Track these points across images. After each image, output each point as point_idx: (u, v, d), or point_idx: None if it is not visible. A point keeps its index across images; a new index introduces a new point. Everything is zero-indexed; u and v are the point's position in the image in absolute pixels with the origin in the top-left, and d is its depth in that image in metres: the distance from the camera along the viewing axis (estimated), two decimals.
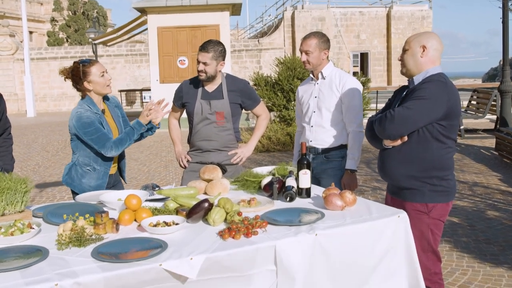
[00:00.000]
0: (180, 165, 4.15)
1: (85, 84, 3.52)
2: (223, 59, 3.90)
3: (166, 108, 3.72)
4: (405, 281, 2.65)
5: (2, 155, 4.00)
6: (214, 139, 3.97)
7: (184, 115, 4.18)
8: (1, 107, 3.85)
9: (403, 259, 2.65)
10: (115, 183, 3.80)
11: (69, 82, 3.62)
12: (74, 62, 3.60)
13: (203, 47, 3.82)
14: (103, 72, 3.56)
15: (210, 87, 3.97)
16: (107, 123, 3.59)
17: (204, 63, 3.81)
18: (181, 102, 4.07)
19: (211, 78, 3.89)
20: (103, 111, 3.63)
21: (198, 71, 3.86)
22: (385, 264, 2.61)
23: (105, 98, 3.76)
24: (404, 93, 3.09)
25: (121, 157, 3.85)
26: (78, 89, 3.60)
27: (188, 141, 4.14)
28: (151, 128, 3.71)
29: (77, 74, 3.52)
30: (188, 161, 4.09)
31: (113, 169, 3.73)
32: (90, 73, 3.50)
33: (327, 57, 3.88)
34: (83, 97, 3.59)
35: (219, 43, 3.90)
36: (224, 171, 3.83)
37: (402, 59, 3.07)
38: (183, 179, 4.08)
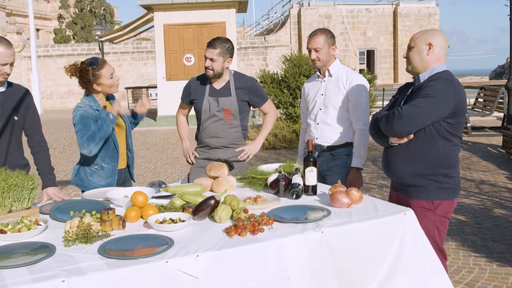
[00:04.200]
0: (188, 161, 4.16)
1: (94, 86, 3.52)
2: (231, 56, 3.90)
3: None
4: (423, 277, 2.63)
5: (39, 162, 3.56)
6: (221, 136, 3.98)
7: (192, 112, 4.19)
8: (27, 99, 3.54)
9: (416, 255, 2.63)
10: (124, 180, 3.81)
11: (74, 80, 3.59)
12: (82, 63, 3.55)
13: (211, 44, 3.83)
14: (112, 73, 3.56)
15: (218, 84, 3.98)
16: None
17: (211, 59, 3.81)
18: (189, 99, 4.08)
19: (218, 75, 3.89)
20: (104, 108, 3.63)
21: (205, 68, 3.87)
22: (394, 262, 2.60)
23: (111, 97, 3.76)
24: (410, 90, 3.08)
25: (128, 152, 3.83)
26: (84, 88, 3.60)
27: (196, 137, 4.15)
28: (135, 120, 3.81)
29: (86, 76, 3.51)
30: (195, 157, 4.10)
31: (122, 164, 3.73)
32: (100, 76, 3.50)
33: (334, 53, 3.87)
34: (87, 94, 3.60)
35: (227, 40, 3.90)
36: (231, 167, 3.86)
37: (407, 57, 3.06)
38: (190, 175, 4.09)
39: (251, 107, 4.13)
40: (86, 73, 3.50)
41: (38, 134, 3.58)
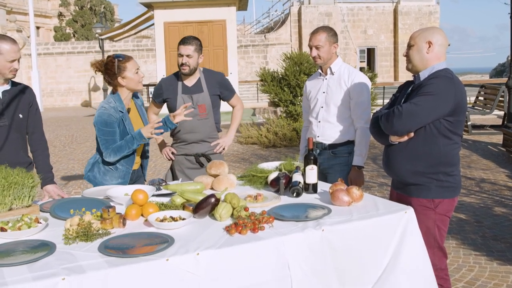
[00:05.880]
0: (166, 158, 4.33)
1: (119, 79, 3.52)
2: (201, 53, 4.09)
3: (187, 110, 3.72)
4: (415, 277, 2.64)
5: (38, 160, 3.60)
6: (197, 131, 4.14)
7: (164, 110, 4.26)
8: (30, 97, 3.56)
9: (412, 255, 2.64)
10: (137, 179, 3.82)
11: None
12: (109, 57, 3.59)
13: (185, 41, 4.00)
14: (137, 69, 3.57)
15: (189, 82, 4.13)
16: (130, 123, 3.58)
17: (188, 56, 3.98)
18: (162, 98, 4.21)
19: (193, 71, 4.05)
20: (128, 110, 3.63)
21: (182, 64, 4.01)
22: (393, 260, 2.60)
23: (134, 95, 3.77)
24: (410, 88, 3.07)
25: (144, 155, 3.86)
26: (109, 83, 3.60)
27: (172, 135, 4.28)
28: (171, 126, 3.63)
29: (111, 69, 3.51)
30: (173, 153, 4.26)
31: (135, 165, 3.75)
32: (125, 69, 3.50)
33: (336, 51, 3.87)
34: (113, 92, 3.60)
35: (197, 38, 4.10)
36: (208, 160, 4.10)
37: (407, 55, 3.06)
38: (173, 171, 4.28)
39: (221, 100, 4.31)
40: (112, 65, 3.51)
41: (38, 132, 3.61)
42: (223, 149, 4.25)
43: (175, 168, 4.27)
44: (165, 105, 4.28)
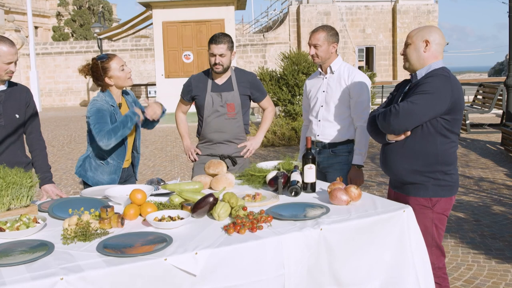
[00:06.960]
0: (190, 159, 4.19)
1: (106, 80, 3.52)
2: (233, 49, 3.97)
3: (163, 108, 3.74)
4: (413, 276, 2.64)
5: (36, 159, 3.61)
6: (225, 131, 4.02)
7: (192, 109, 4.20)
8: (27, 98, 3.55)
9: (410, 253, 2.64)
10: (127, 178, 3.81)
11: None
12: (92, 59, 3.57)
13: (217, 40, 3.84)
14: (123, 65, 3.56)
15: (220, 80, 4.02)
16: (121, 116, 3.59)
17: (221, 55, 3.85)
18: (191, 95, 4.10)
19: (226, 70, 3.95)
20: (119, 105, 3.64)
21: (215, 64, 3.88)
22: (391, 259, 2.61)
23: (124, 92, 3.76)
24: (407, 87, 3.08)
25: (135, 151, 3.84)
26: (99, 85, 3.60)
27: (198, 134, 4.18)
28: (151, 122, 3.68)
29: (97, 71, 3.52)
30: (197, 154, 4.13)
31: (126, 163, 3.74)
32: (110, 69, 3.50)
33: (336, 50, 3.87)
34: (103, 90, 3.60)
35: (228, 35, 3.96)
36: (234, 163, 3.97)
37: (404, 54, 3.06)
38: (193, 172, 4.14)
39: (252, 101, 4.18)
40: (96, 68, 3.52)
41: (36, 132, 3.62)
42: (250, 152, 4.13)
43: (194, 174, 4.11)
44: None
